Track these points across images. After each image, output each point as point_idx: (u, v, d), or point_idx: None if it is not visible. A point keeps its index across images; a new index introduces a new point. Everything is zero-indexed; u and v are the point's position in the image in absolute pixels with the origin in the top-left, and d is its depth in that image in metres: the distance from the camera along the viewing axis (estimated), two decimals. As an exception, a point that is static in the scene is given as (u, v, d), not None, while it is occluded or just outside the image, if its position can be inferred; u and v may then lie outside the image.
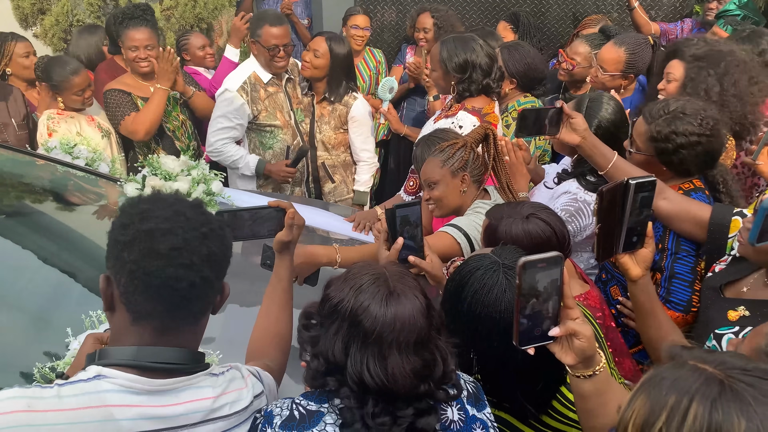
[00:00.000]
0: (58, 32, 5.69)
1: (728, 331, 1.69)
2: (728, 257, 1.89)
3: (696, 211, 1.95)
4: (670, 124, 2.00)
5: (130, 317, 1.13)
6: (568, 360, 1.20)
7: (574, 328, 1.18)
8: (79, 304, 1.86)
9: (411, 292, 1.22)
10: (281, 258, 1.64)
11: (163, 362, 1.12)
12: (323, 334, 1.22)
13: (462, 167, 2.17)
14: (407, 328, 1.18)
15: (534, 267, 1.14)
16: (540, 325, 1.18)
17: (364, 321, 1.18)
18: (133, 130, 3.29)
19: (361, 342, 1.18)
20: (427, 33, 4.12)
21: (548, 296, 1.17)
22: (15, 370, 1.66)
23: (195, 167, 2.74)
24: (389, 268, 1.27)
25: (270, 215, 1.67)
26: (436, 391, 1.22)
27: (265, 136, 3.40)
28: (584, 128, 1.99)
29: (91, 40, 4.09)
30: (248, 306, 1.96)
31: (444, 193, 2.19)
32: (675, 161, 2.03)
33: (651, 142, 2.04)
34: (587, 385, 1.22)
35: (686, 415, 0.83)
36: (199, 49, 4.18)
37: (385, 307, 1.18)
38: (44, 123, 3.21)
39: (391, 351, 1.17)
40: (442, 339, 1.26)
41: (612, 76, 3.17)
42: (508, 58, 3.12)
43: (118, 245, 1.11)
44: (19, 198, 2.50)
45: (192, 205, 1.18)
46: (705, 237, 1.95)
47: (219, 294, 1.21)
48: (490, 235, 1.75)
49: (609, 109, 2.33)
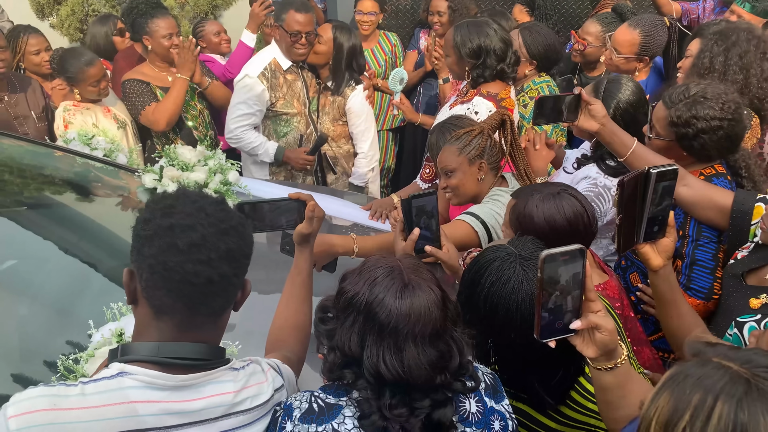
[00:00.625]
0: (74, 22, 5.73)
1: (750, 319, 1.67)
2: (751, 244, 1.86)
3: (718, 198, 1.92)
4: (690, 108, 1.96)
5: (152, 312, 1.14)
6: (590, 353, 1.19)
7: (596, 321, 1.17)
8: (101, 296, 1.89)
9: (426, 284, 1.22)
10: (301, 250, 1.64)
11: (184, 358, 1.13)
12: (339, 327, 1.23)
13: (479, 155, 2.15)
14: (422, 320, 1.19)
15: (556, 260, 1.13)
16: (561, 318, 1.18)
17: (379, 313, 1.18)
18: (154, 120, 3.31)
19: (377, 334, 1.19)
20: (441, 16, 4.07)
21: (570, 289, 1.16)
22: (39, 360, 1.69)
23: (211, 157, 2.75)
24: (404, 261, 1.28)
25: (290, 207, 1.67)
26: (453, 382, 1.23)
27: (280, 124, 3.38)
28: (603, 114, 1.96)
29: (101, 29, 4.11)
30: (267, 295, 1.97)
31: (461, 181, 2.17)
32: (696, 146, 1.99)
33: (671, 127, 2.00)
34: (608, 378, 1.22)
35: (711, 415, 0.83)
36: (215, 36, 4.19)
37: (400, 299, 1.19)
38: (60, 115, 3.23)
39: (407, 343, 1.18)
40: (458, 330, 1.26)
41: (626, 58, 3.12)
42: (529, 39, 3.07)
43: (140, 239, 1.13)
44: (39, 190, 2.53)
45: (215, 201, 1.18)
46: (727, 224, 1.91)
47: (240, 290, 1.22)
48: (519, 213, 1.72)
49: (628, 90, 2.30)
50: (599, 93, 2.31)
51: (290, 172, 3.45)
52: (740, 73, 2.40)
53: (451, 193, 2.21)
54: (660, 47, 3.16)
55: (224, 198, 1.23)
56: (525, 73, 3.09)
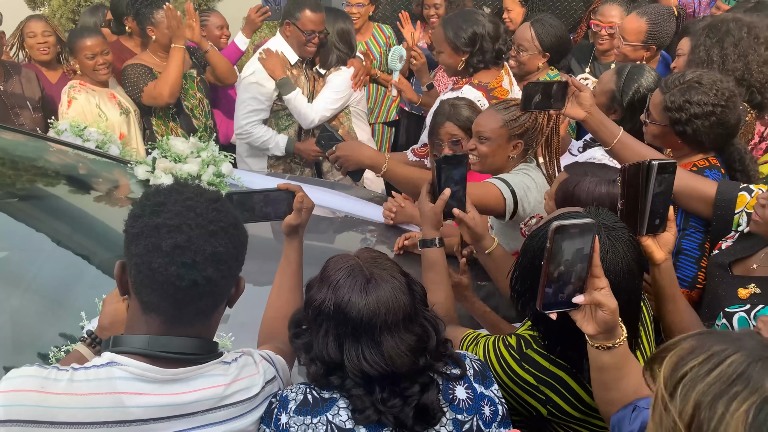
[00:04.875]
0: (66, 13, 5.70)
1: (739, 309, 1.67)
2: (735, 234, 1.87)
3: (701, 187, 1.92)
4: (684, 93, 1.98)
5: (140, 307, 1.14)
6: (590, 329, 1.19)
7: (599, 299, 1.17)
8: (93, 287, 1.88)
9: (387, 273, 1.25)
10: (290, 240, 1.64)
11: (175, 352, 1.13)
12: (314, 338, 1.25)
13: (520, 134, 2.11)
14: (393, 309, 1.21)
15: (566, 232, 1.13)
16: (564, 290, 1.17)
17: (349, 314, 1.20)
18: (158, 93, 3.31)
19: (352, 335, 1.21)
20: (438, 9, 4.06)
21: (577, 263, 1.15)
22: (32, 351, 1.69)
23: (204, 149, 2.74)
24: (361, 256, 1.30)
25: (279, 197, 1.67)
26: (435, 363, 1.25)
27: (282, 118, 3.40)
28: (590, 103, 1.95)
29: (90, 20, 4.11)
30: (259, 286, 1.97)
31: (493, 152, 2.13)
32: (688, 132, 2.00)
33: (665, 112, 2.01)
34: (606, 357, 1.22)
35: (723, 360, 0.83)
36: (217, 29, 4.18)
37: (366, 295, 1.21)
38: (66, 92, 3.25)
39: (383, 335, 1.20)
40: (429, 310, 1.29)
41: (633, 47, 3.13)
42: (542, 32, 3.05)
43: (129, 236, 1.12)
44: (31, 181, 2.52)
45: (208, 199, 1.16)
46: (711, 213, 1.93)
47: (233, 288, 1.21)
48: (568, 189, 1.71)
49: (650, 77, 2.34)
50: (622, 76, 2.34)
51: (289, 165, 3.45)
52: (739, 61, 2.40)
53: (477, 159, 2.17)
54: (668, 37, 3.16)
55: (220, 195, 1.21)
56: (538, 66, 3.08)
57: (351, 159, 2.07)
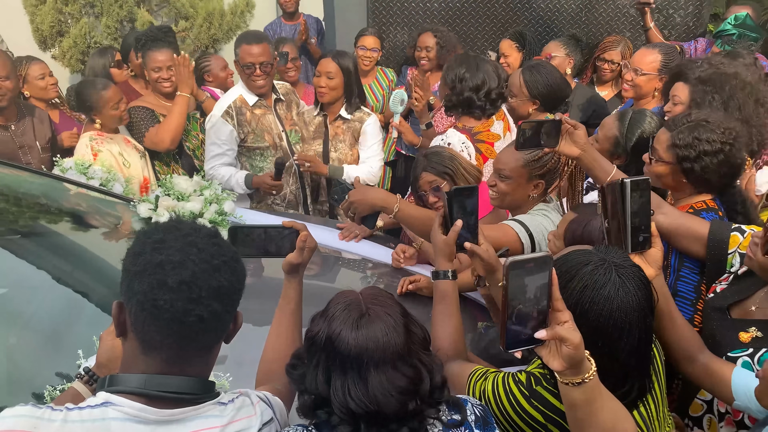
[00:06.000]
0: (75, 54, 5.81)
1: (742, 353, 1.66)
2: (729, 275, 1.85)
3: (694, 227, 1.92)
4: (693, 131, 2.00)
5: (140, 346, 1.13)
6: (556, 365, 1.17)
7: (561, 334, 1.15)
8: (91, 325, 1.87)
9: (384, 310, 1.23)
10: (290, 279, 1.64)
11: (171, 392, 1.12)
12: (307, 369, 1.24)
13: (542, 175, 2.11)
14: (381, 347, 1.19)
15: (521, 267, 1.12)
16: (528, 327, 1.16)
17: (338, 347, 1.19)
18: (159, 140, 3.35)
19: (340, 369, 1.19)
20: (429, 52, 4.15)
21: (536, 298, 1.14)
22: (27, 390, 1.66)
23: (207, 187, 2.76)
24: (364, 292, 1.29)
25: (282, 234, 1.67)
26: (427, 408, 1.22)
27: (256, 159, 3.39)
28: (585, 141, 1.97)
29: (99, 61, 4.20)
30: (259, 326, 1.96)
31: (513, 190, 2.13)
32: (696, 169, 2.00)
33: (673, 149, 2.03)
34: (576, 393, 1.20)
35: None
36: (222, 71, 4.25)
37: (356, 330, 1.20)
38: (87, 144, 3.19)
39: (369, 372, 1.18)
40: (428, 354, 1.26)
41: (648, 77, 3.21)
42: (530, 79, 3.09)
43: (130, 274, 1.12)
44: (34, 218, 2.53)
45: (207, 234, 1.17)
46: (704, 253, 1.92)
47: (232, 324, 1.21)
48: (576, 229, 1.72)
49: (653, 122, 2.38)
50: (624, 123, 2.37)
51: (270, 207, 3.43)
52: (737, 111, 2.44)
53: (497, 195, 2.17)
54: None
55: (217, 231, 1.22)
56: (529, 112, 3.12)
57: (363, 203, 2.08)
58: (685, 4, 4.66)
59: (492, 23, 4.80)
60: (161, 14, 6.12)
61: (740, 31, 3.58)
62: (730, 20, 3.68)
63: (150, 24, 5.46)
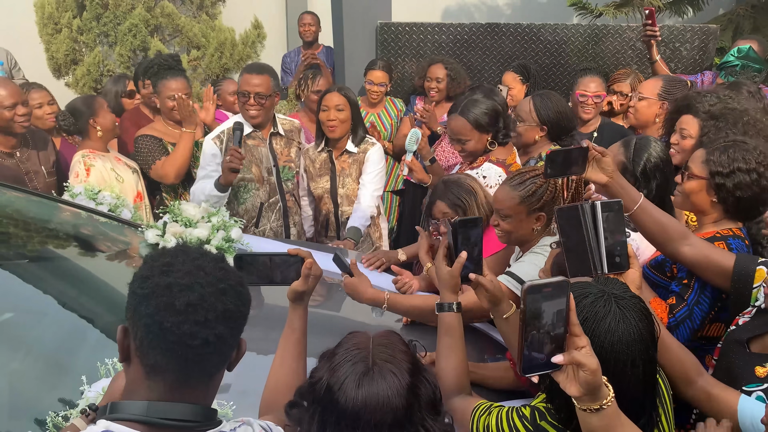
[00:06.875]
0: (89, 82, 5.91)
1: (757, 388, 1.63)
2: (752, 309, 1.83)
3: (719, 259, 1.90)
4: (728, 148, 2.04)
5: (144, 371, 1.12)
6: (573, 391, 1.16)
7: (578, 359, 1.14)
8: (96, 351, 1.86)
9: (392, 367, 1.18)
10: (294, 308, 1.63)
11: (174, 419, 1.10)
12: (304, 414, 1.20)
13: (540, 207, 2.11)
14: (381, 410, 1.14)
15: (539, 292, 1.11)
16: (545, 352, 1.15)
17: (337, 402, 1.15)
18: (164, 174, 3.40)
19: (335, 424, 1.15)
20: (440, 83, 4.19)
21: (553, 323, 1.13)
22: (30, 417, 1.65)
23: (215, 214, 2.77)
24: (377, 338, 1.24)
25: (288, 262, 1.67)
26: None
27: (239, 190, 3.29)
28: (613, 169, 1.96)
29: (112, 89, 4.28)
30: (263, 355, 1.94)
31: (515, 227, 2.13)
32: (728, 186, 2.01)
33: (706, 164, 2.05)
34: (594, 420, 1.18)
35: None
36: (230, 95, 4.32)
37: (357, 387, 1.15)
38: (80, 161, 3.29)
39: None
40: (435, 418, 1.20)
41: (648, 101, 3.24)
42: (540, 105, 3.11)
43: (137, 297, 1.11)
44: (42, 243, 2.54)
45: (214, 259, 1.17)
46: (728, 286, 1.90)
47: (235, 350, 1.20)
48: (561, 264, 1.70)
49: (658, 147, 2.40)
50: (630, 148, 2.38)
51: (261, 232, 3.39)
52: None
53: (501, 234, 2.17)
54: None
55: (223, 256, 1.22)
56: (535, 139, 3.11)
57: (355, 298, 2.15)
58: (691, 37, 4.71)
59: (499, 55, 4.85)
60: (174, 43, 6.24)
61: (743, 63, 3.61)
62: (733, 52, 3.72)
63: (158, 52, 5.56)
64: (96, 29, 5.89)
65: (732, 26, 6.22)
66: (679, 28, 4.72)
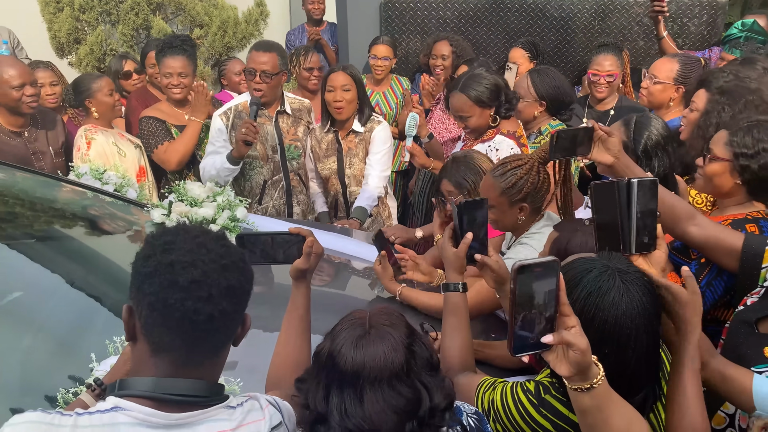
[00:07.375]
0: (92, 61, 5.88)
1: (766, 368, 1.62)
2: (761, 289, 1.82)
3: (728, 239, 1.88)
4: (752, 129, 1.99)
5: (150, 349, 1.14)
6: (563, 371, 1.17)
7: (567, 339, 1.15)
8: (104, 329, 1.88)
9: (388, 328, 1.22)
10: (297, 285, 1.64)
11: (181, 394, 1.12)
12: (311, 384, 1.23)
13: (522, 198, 2.11)
14: (378, 366, 1.17)
15: (530, 272, 1.12)
16: (535, 332, 1.15)
17: (338, 364, 1.19)
18: (166, 159, 3.39)
19: (338, 387, 1.18)
20: (445, 60, 4.15)
21: (544, 303, 1.14)
22: (40, 393, 1.68)
23: (220, 193, 2.78)
24: (374, 309, 1.28)
25: (290, 241, 1.68)
26: (424, 429, 1.20)
27: (245, 167, 3.31)
28: (618, 149, 1.94)
29: (113, 67, 4.28)
30: (269, 332, 1.96)
31: (500, 217, 2.15)
32: (753, 167, 1.97)
33: (730, 146, 2.01)
34: (585, 399, 1.19)
35: None
36: (236, 75, 4.28)
37: (355, 348, 1.19)
38: (82, 135, 3.31)
39: (366, 391, 1.16)
40: (433, 375, 1.23)
41: (663, 86, 3.18)
42: (537, 80, 3.12)
43: (140, 276, 1.12)
44: (48, 223, 2.56)
45: (215, 236, 1.18)
46: (737, 267, 1.88)
47: (240, 326, 1.21)
48: (560, 248, 1.72)
49: (659, 124, 2.37)
50: (630, 127, 2.36)
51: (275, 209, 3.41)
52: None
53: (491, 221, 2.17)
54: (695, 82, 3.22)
55: (224, 233, 1.23)
56: (534, 115, 3.12)
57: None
58: (699, 12, 4.65)
59: (504, 32, 4.81)
60: (176, 22, 6.18)
61: (747, 35, 3.57)
62: (737, 25, 3.69)
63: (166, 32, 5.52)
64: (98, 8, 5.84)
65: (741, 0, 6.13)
66: (687, 3, 4.65)
